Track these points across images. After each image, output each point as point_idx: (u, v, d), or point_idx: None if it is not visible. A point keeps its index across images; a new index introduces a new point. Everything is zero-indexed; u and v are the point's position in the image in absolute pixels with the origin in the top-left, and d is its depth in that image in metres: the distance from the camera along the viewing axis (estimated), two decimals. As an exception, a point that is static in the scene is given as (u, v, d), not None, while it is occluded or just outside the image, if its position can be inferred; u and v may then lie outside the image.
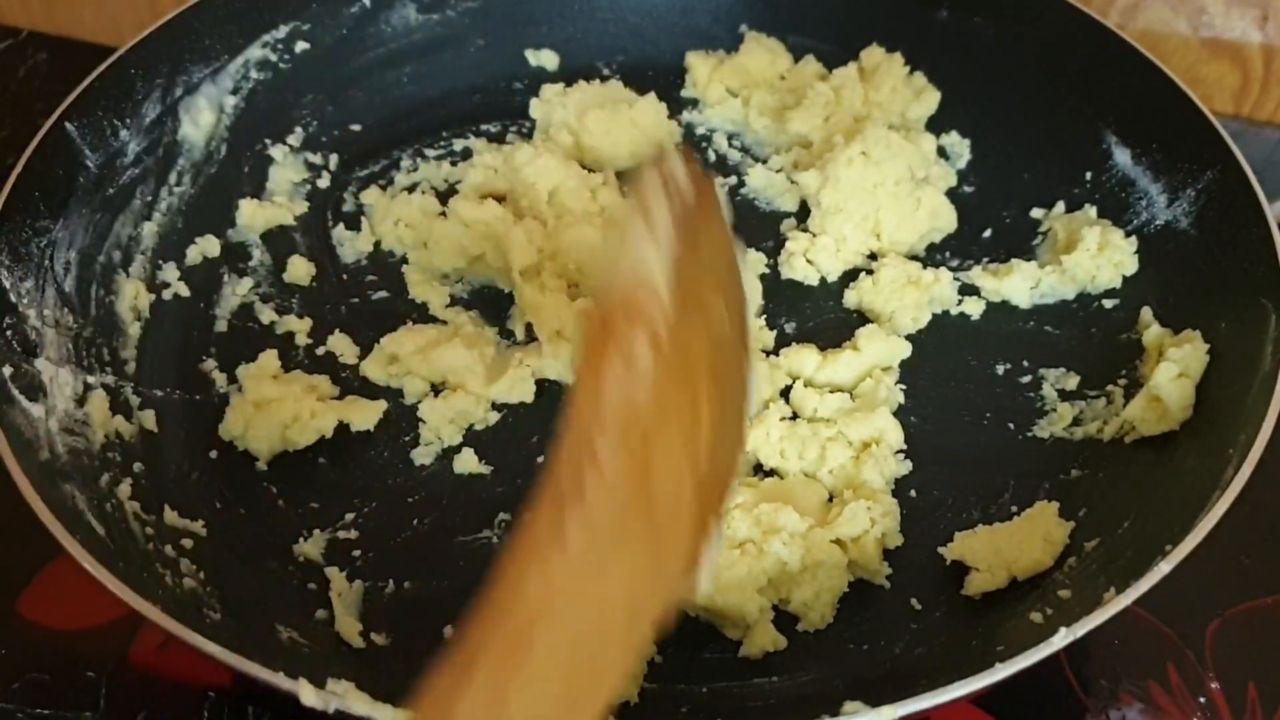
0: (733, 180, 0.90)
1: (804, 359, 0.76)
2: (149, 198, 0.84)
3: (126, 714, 0.67)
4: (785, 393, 0.75)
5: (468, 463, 0.72)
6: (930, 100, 0.90)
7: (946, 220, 0.84)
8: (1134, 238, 0.80)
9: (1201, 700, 0.68)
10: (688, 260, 0.46)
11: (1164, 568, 0.55)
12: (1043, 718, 0.68)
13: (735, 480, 0.48)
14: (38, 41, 1.14)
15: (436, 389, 0.76)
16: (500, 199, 0.85)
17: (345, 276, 0.85)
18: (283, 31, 0.91)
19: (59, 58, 1.12)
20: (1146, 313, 0.76)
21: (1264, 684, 0.68)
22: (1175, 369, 0.69)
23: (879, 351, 0.76)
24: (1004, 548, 0.65)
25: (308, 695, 0.51)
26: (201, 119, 0.87)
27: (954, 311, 0.80)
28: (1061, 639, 0.52)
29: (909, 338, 0.78)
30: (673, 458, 0.42)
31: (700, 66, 0.96)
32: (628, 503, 0.39)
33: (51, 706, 0.67)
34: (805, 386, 0.74)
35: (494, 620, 0.37)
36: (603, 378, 0.42)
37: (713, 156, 0.93)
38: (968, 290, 0.81)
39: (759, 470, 0.72)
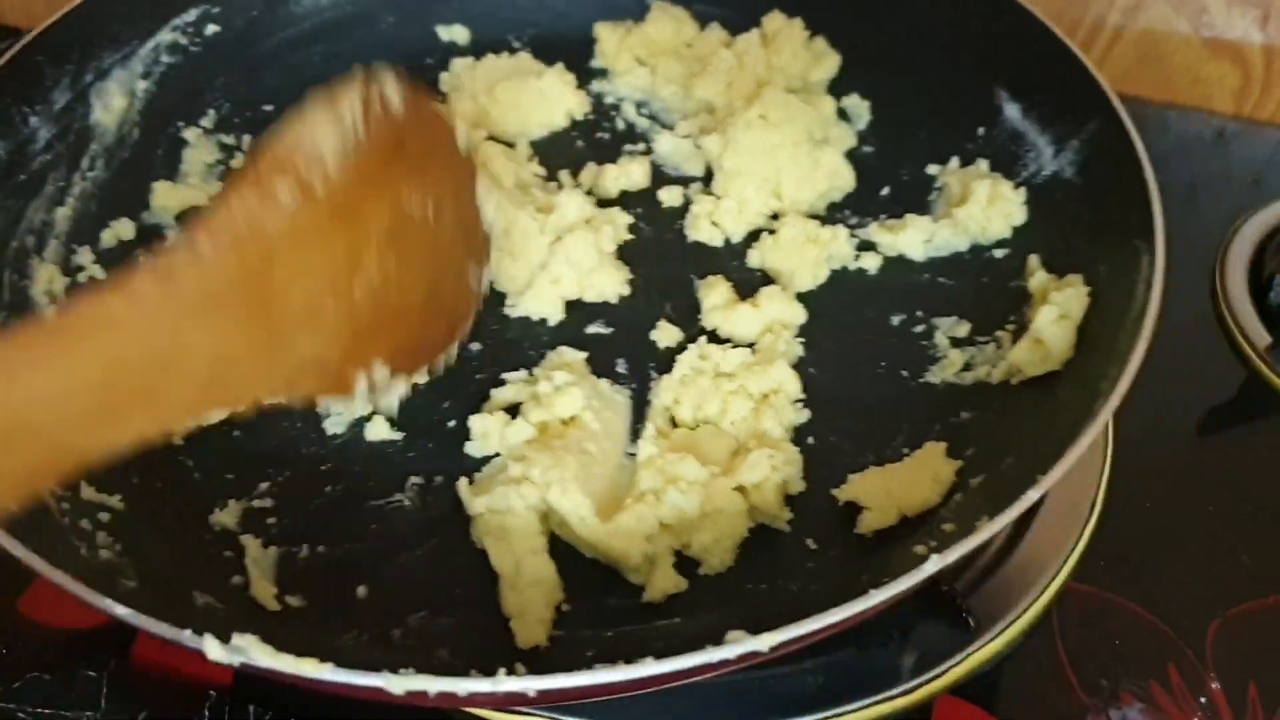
0: (641, 147, 0.92)
1: (716, 290, 0.79)
2: (61, 183, 0.84)
3: (128, 713, 0.68)
4: (684, 348, 0.77)
5: (379, 430, 0.74)
6: (830, 64, 0.93)
7: (845, 179, 0.87)
8: (1023, 189, 0.83)
9: (1202, 700, 0.69)
10: (378, 152, 0.54)
11: (1032, 495, 0.57)
12: (1043, 717, 0.69)
13: (440, 351, 0.62)
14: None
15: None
16: None
17: (260, 254, 0.86)
18: (193, 15, 0.92)
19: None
20: (1034, 260, 0.79)
21: (1265, 684, 0.70)
22: (1056, 311, 0.71)
23: (777, 311, 0.78)
24: (894, 488, 0.68)
25: (213, 650, 0.52)
26: (113, 104, 0.88)
27: (852, 267, 0.83)
28: (933, 565, 0.55)
29: (809, 294, 0.81)
30: (309, 279, 0.51)
31: (608, 37, 0.97)
32: (227, 286, 0.47)
33: (53, 706, 0.68)
34: (709, 341, 0.77)
35: (61, 312, 0.44)
36: (237, 203, 0.50)
37: (622, 125, 0.94)
38: (866, 246, 0.84)
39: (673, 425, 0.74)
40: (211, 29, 0.93)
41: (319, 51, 0.97)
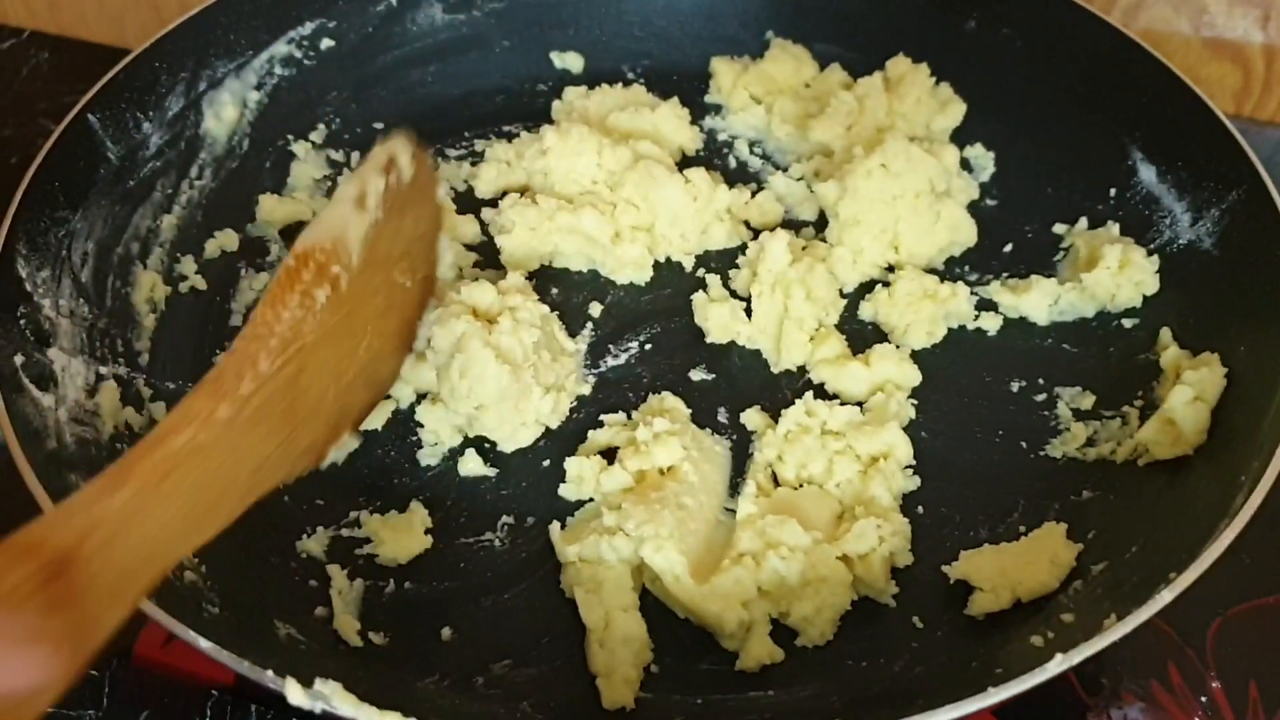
0: (753, 187, 0.89)
1: (826, 343, 0.76)
2: (169, 190, 0.84)
3: (130, 711, 0.68)
4: (792, 402, 0.74)
5: (472, 465, 0.72)
6: (955, 112, 0.89)
7: (966, 234, 0.83)
8: (1156, 257, 0.78)
9: (1203, 699, 0.68)
10: (387, 230, 0.58)
11: (1166, 596, 0.54)
12: (1045, 716, 0.67)
13: (377, 401, 0.65)
14: (40, 41, 1.15)
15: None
16: (521, 192, 0.86)
17: (360, 274, 0.85)
18: (308, 28, 0.91)
19: (61, 57, 1.13)
20: (1166, 334, 0.75)
21: (1265, 683, 0.68)
22: (1190, 392, 0.67)
23: (890, 371, 0.75)
24: (1009, 568, 0.64)
25: (295, 694, 0.51)
26: (225, 114, 0.88)
27: (970, 327, 0.79)
28: (1057, 665, 0.52)
29: (923, 353, 0.77)
30: (323, 374, 0.54)
31: (725, 72, 0.95)
32: (272, 397, 0.51)
33: (54, 704, 0.67)
34: (815, 398, 0.74)
35: (143, 451, 0.47)
36: (283, 307, 0.53)
37: (733, 163, 0.92)
38: (986, 305, 0.80)
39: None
40: (326, 43, 0.92)
41: (432, 71, 0.96)
